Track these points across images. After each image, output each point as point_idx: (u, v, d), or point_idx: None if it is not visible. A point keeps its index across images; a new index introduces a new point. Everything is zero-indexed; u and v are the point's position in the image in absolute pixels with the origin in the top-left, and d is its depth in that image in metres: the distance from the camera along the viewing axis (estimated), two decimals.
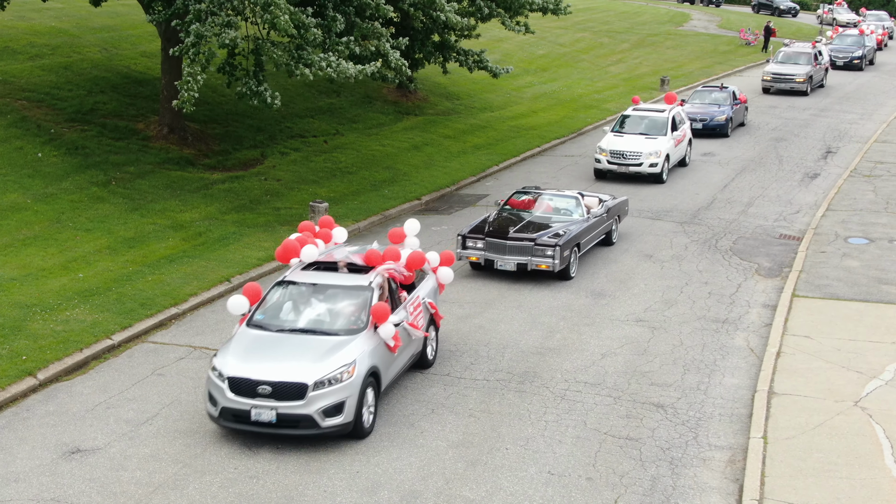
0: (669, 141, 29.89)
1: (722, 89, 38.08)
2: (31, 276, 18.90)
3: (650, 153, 29.14)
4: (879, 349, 16.87)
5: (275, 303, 14.99)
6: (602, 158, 29.56)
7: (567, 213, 21.76)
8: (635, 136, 30.00)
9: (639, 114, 31.33)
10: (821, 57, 47.73)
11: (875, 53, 58.89)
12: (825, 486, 12.43)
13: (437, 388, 15.37)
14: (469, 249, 20.81)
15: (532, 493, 12.35)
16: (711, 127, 35.76)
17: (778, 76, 45.87)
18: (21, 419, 14.12)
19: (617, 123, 31.33)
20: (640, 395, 15.23)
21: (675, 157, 30.39)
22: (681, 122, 31.36)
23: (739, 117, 37.67)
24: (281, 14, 20.79)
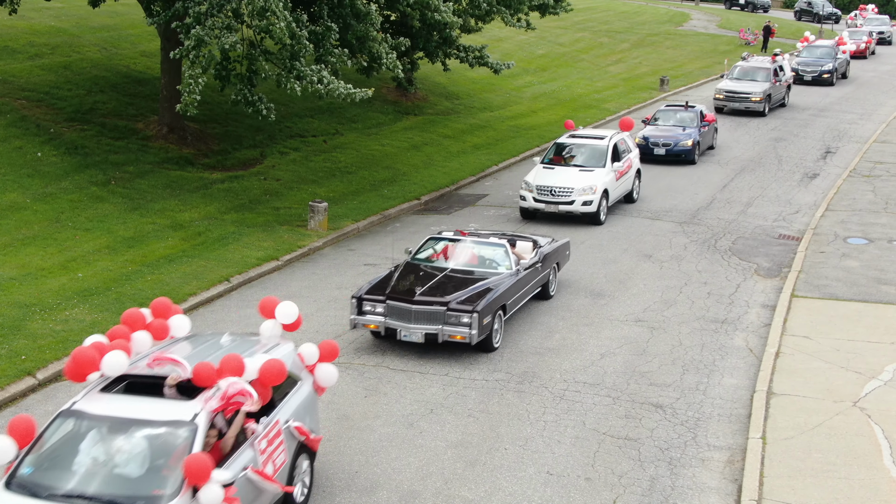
0: (609, 174, 25.45)
1: (687, 109, 33.80)
2: (30, 276, 18.91)
3: (584, 188, 24.67)
4: (878, 349, 16.89)
5: (53, 447, 10.26)
6: (528, 195, 25.14)
7: (492, 265, 17.88)
8: (568, 169, 25.69)
9: (574, 142, 26.89)
10: (782, 73, 42.64)
11: (848, 66, 52.05)
12: (824, 486, 12.44)
13: (436, 388, 15.38)
14: (367, 315, 16.64)
15: (531, 494, 12.36)
16: (676, 153, 31.65)
17: (732, 94, 40.62)
18: None
19: (548, 153, 27.08)
20: (638, 396, 15.24)
21: (616, 193, 25.96)
22: (625, 151, 27.03)
23: (708, 140, 33.60)
24: (277, 21, 20.73)
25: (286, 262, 21.52)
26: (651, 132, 32.49)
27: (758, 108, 40.11)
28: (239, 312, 18.54)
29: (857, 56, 58.10)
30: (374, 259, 21.93)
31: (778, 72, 42.08)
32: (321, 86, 22.05)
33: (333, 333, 17.50)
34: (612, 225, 24.98)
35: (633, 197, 27.24)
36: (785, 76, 42.88)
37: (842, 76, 51.14)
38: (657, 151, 31.60)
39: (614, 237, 23.95)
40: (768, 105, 40.66)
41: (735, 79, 41.81)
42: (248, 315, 18.35)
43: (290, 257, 21.70)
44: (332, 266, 21.53)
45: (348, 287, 19.90)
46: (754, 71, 41.85)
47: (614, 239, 23.80)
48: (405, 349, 16.84)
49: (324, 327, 17.83)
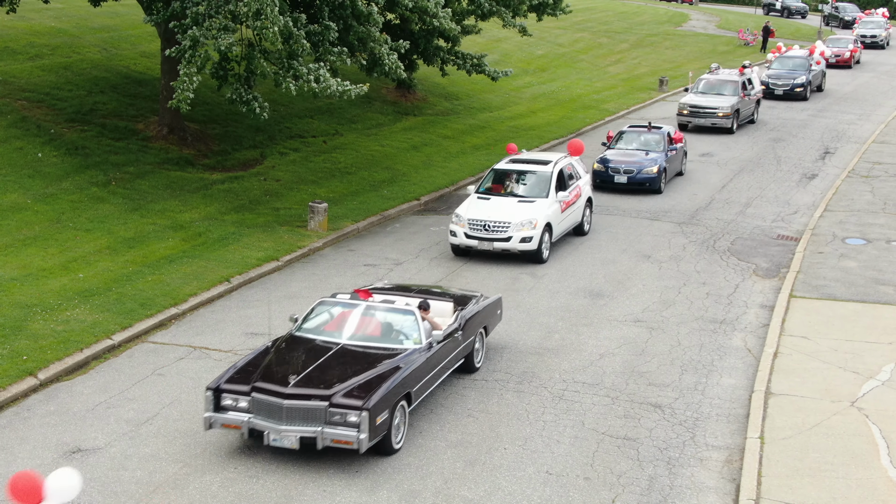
0: (553, 205, 22.31)
1: (652, 130, 30.11)
2: (31, 277, 18.97)
3: (522, 223, 21.51)
4: (876, 350, 16.96)
5: None
6: (458, 230, 21.84)
7: (398, 339, 14.21)
8: (506, 200, 22.45)
9: (514, 168, 23.72)
10: (750, 86, 39.15)
11: (824, 78, 47.81)
12: (822, 485, 12.51)
13: (436, 388, 15.42)
14: (227, 412, 13.03)
15: (530, 493, 12.43)
16: (639, 181, 28.03)
17: (697, 110, 37.05)
18: (22, 419, 14.19)
19: (484, 181, 23.82)
20: (637, 396, 15.31)
21: (562, 226, 22.89)
22: (573, 178, 23.88)
23: (676, 166, 30.04)
24: (270, 25, 20.78)
25: (286, 262, 21.58)
26: (612, 156, 28.83)
27: (725, 124, 36.70)
28: (239, 313, 18.60)
29: (841, 66, 55.22)
30: (373, 259, 22.00)
31: (746, 85, 38.79)
32: (315, 85, 22.11)
33: None
34: (609, 226, 25.03)
35: (583, 229, 23.98)
36: (754, 90, 39.54)
37: (817, 89, 47.11)
38: (618, 179, 28.04)
39: (613, 238, 24.01)
40: (736, 121, 37.30)
41: (700, 93, 38.34)
42: (249, 315, 18.43)
43: (290, 258, 21.76)
44: (332, 267, 21.59)
45: (348, 287, 19.96)
46: (721, 84, 38.33)
47: (613, 239, 23.87)
48: None
49: None
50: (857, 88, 49.18)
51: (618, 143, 29.87)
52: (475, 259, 22.05)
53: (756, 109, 39.60)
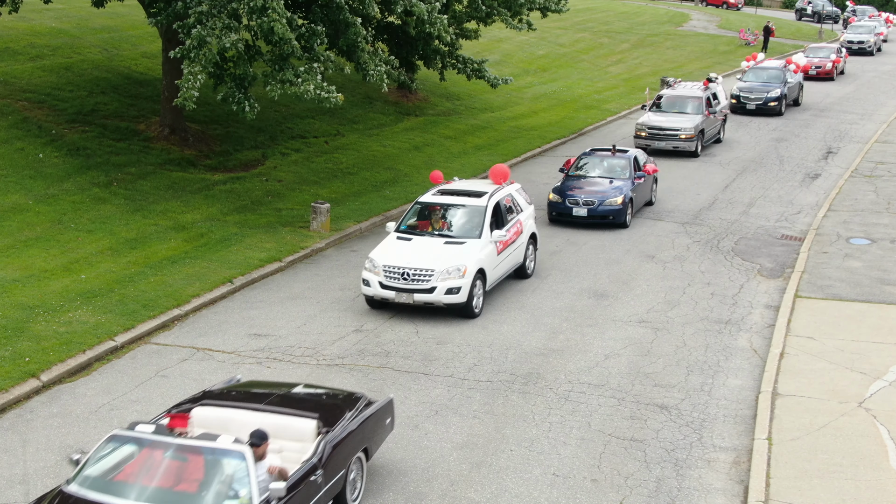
0: (487, 246, 18.90)
1: (616, 154, 26.58)
2: (33, 278, 18.88)
3: (449, 270, 17.98)
4: (883, 350, 16.87)
5: None
6: (372, 278, 18.27)
7: (217, 499, 9.82)
8: (430, 241, 18.99)
9: (441, 201, 20.11)
10: (715, 102, 35.20)
11: (801, 91, 43.64)
12: (830, 487, 12.43)
13: (441, 389, 15.36)
14: None
15: (537, 495, 12.34)
16: (601, 214, 24.41)
17: (656, 131, 32.84)
18: (25, 421, 14.10)
19: (405, 217, 20.11)
20: (643, 397, 15.22)
21: (498, 271, 19.43)
22: (513, 211, 20.53)
23: (645, 195, 26.44)
24: (278, 18, 20.73)
25: (289, 263, 21.49)
26: (570, 185, 25.44)
27: (688, 147, 32.64)
28: (242, 314, 18.51)
29: (823, 78, 50.75)
30: None
31: (711, 101, 34.73)
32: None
33: (337, 335, 17.50)
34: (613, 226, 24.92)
35: (525, 271, 20.69)
36: (720, 106, 35.56)
37: (793, 103, 42.76)
38: (577, 212, 24.53)
39: (616, 238, 23.92)
40: (701, 143, 33.32)
41: (660, 111, 34.16)
42: (252, 317, 18.34)
43: (292, 258, 21.67)
44: (334, 267, 21.50)
45: (351, 288, 19.90)
46: (683, 101, 34.11)
47: (616, 240, 23.78)
48: (409, 351, 16.82)
49: (327, 328, 17.82)
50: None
51: (577, 170, 26.30)
52: None
53: (722, 128, 35.75)
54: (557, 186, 25.53)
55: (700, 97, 34.12)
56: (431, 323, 18.16)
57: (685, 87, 35.83)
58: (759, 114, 40.67)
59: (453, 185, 21.21)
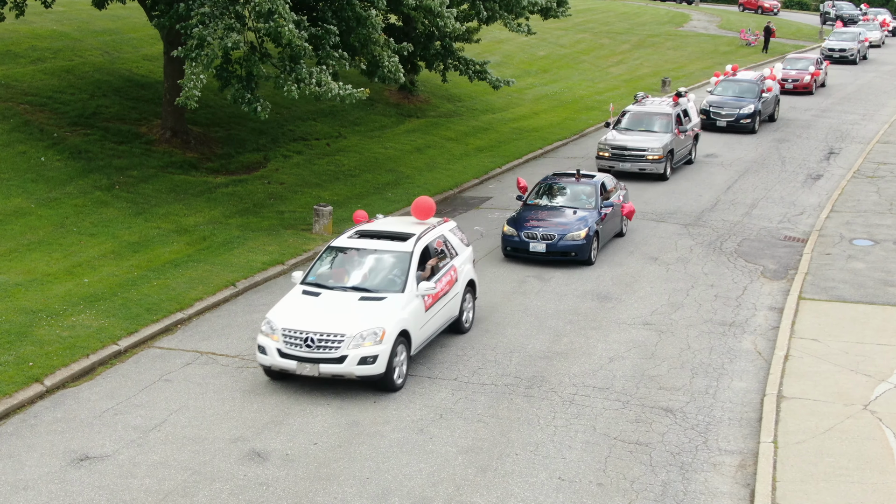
0: (411, 302, 15.80)
1: (581, 180, 23.68)
2: (36, 282, 18.85)
3: (363, 334, 14.85)
4: (887, 352, 16.84)
5: None
6: (270, 345, 15.08)
7: None
8: (342, 297, 15.81)
9: (358, 245, 16.90)
10: (686, 119, 31.97)
11: (777, 106, 40.02)
12: (836, 490, 12.40)
13: (445, 392, 15.33)
14: None
15: (543, 500, 12.31)
16: (562, 250, 21.51)
17: (621, 151, 29.77)
18: (29, 426, 14.07)
19: (315, 265, 16.86)
20: (648, 400, 15.20)
21: (427, 330, 16.32)
22: (446, 256, 17.49)
23: (614, 224, 23.48)
24: (285, 24, 20.73)
25: (291, 266, 21.45)
26: (527, 216, 22.55)
27: (656, 169, 29.63)
28: (245, 317, 18.48)
29: (801, 92, 46.36)
30: None
31: (682, 118, 31.60)
32: (318, 88, 22.02)
33: None
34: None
35: (461, 326, 17.67)
36: (691, 123, 32.40)
37: (768, 119, 39.41)
38: (534, 247, 21.66)
39: (619, 240, 23.88)
40: (670, 164, 30.24)
41: (625, 129, 31.03)
42: (256, 320, 18.30)
43: (295, 261, 21.63)
44: None
45: None
46: (650, 118, 31.10)
47: (618, 241, 23.74)
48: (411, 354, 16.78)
49: None
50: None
51: (537, 198, 23.54)
52: (481, 260, 21.83)
53: (694, 147, 32.62)
54: (513, 217, 22.73)
55: (669, 114, 31.04)
56: None
57: (653, 102, 32.61)
58: (730, 131, 37.28)
59: (375, 224, 17.83)
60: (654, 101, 32.62)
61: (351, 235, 17.28)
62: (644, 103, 32.46)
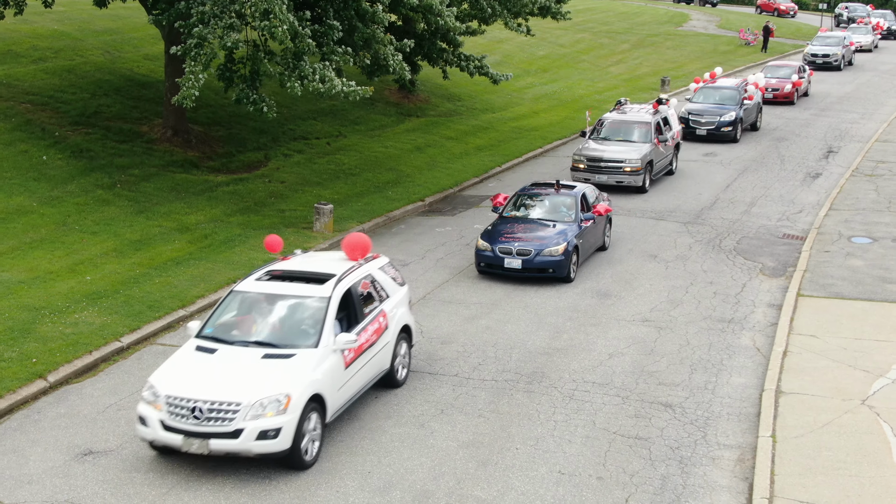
0: (328, 358, 13.29)
1: (561, 191, 22.56)
2: (38, 279, 18.95)
3: (263, 402, 12.39)
4: (885, 348, 16.94)
5: None
6: (152, 416, 12.62)
7: None
8: (241, 354, 13.25)
9: (265, 290, 14.26)
10: (666, 128, 30.43)
11: (760, 114, 38.27)
12: (835, 484, 12.50)
13: (446, 388, 15.42)
14: None
15: (543, 493, 12.41)
16: (539, 266, 20.34)
17: (596, 162, 28.25)
18: (32, 421, 14.17)
19: (213, 315, 14.16)
20: (648, 395, 15.30)
21: (347, 391, 13.79)
22: (374, 300, 14.99)
23: (595, 238, 22.31)
24: (279, 24, 20.82)
25: None
26: (502, 230, 21.21)
27: (634, 181, 28.04)
28: None
29: (782, 102, 43.63)
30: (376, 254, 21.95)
31: (661, 127, 30.09)
32: (322, 85, 22.11)
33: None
34: (614, 225, 24.96)
35: (394, 379, 15.23)
36: (671, 132, 30.84)
37: (750, 127, 37.62)
38: (510, 263, 20.42)
39: (618, 237, 23.99)
40: (649, 176, 28.68)
41: (601, 139, 29.50)
42: None
43: None
44: None
45: None
46: (628, 127, 29.53)
47: (618, 239, 23.85)
48: (414, 350, 16.87)
49: None
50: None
51: (514, 210, 22.36)
52: None
53: (675, 156, 31.10)
54: (488, 230, 21.43)
55: (648, 122, 29.44)
56: (436, 323, 18.24)
57: (632, 109, 31.01)
58: (710, 140, 35.57)
59: (291, 263, 15.22)
60: (634, 109, 31.12)
61: (260, 277, 14.62)
62: (623, 110, 30.92)
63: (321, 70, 22.31)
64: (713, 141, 35.55)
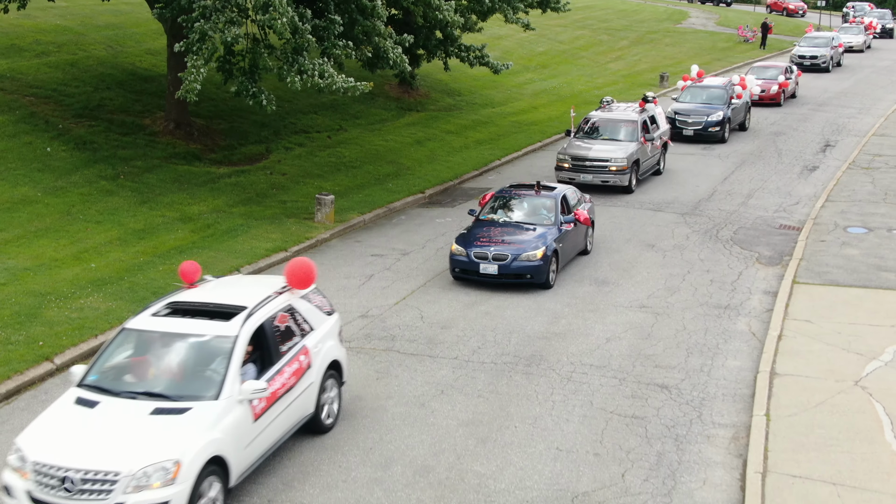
0: (231, 411, 11.38)
1: (541, 192, 21.52)
2: (44, 267, 19.20)
3: (145, 471, 10.41)
4: (879, 332, 17.19)
5: None
6: (17, 486, 10.68)
7: None
8: (127, 409, 11.21)
9: (163, 328, 12.16)
10: (653, 126, 29.74)
11: (748, 114, 37.40)
12: (827, 459, 12.75)
13: (446, 370, 15.68)
14: None
15: (541, 468, 12.67)
16: (516, 272, 19.31)
17: (582, 161, 27.53)
18: (40, 401, 14.41)
19: (100, 358, 12.08)
20: (644, 377, 15.55)
21: (258, 446, 11.85)
22: (293, 336, 12.89)
23: (577, 241, 21.44)
24: (279, 17, 21.08)
25: (294, 252, 21.80)
26: (478, 234, 20.16)
27: (620, 181, 27.32)
28: None
29: (768, 103, 41.92)
30: (380, 250, 22.24)
31: (648, 125, 29.41)
32: (321, 80, 22.34)
33: (343, 320, 17.75)
34: (613, 216, 25.23)
35: (321, 424, 13.31)
36: (659, 131, 30.15)
37: (738, 127, 36.77)
38: (485, 269, 19.37)
39: (617, 227, 24.25)
40: (636, 175, 27.97)
41: (586, 137, 28.94)
42: None
43: (298, 248, 21.99)
44: (339, 256, 21.83)
45: (356, 276, 20.25)
46: (614, 126, 28.83)
47: (617, 229, 24.11)
48: (414, 335, 17.14)
49: None
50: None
51: (491, 212, 21.33)
52: None
53: (663, 156, 30.25)
54: (463, 234, 20.46)
55: (635, 121, 28.81)
56: (436, 309, 18.49)
57: (618, 108, 30.35)
58: (697, 141, 34.79)
59: (197, 293, 13.01)
60: (620, 107, 30.41)
61: (158, 311, 12.40)
62: (609, 109, 30.21)
63: (320, 65, 22.55)
64: (700, 141, 34.78)
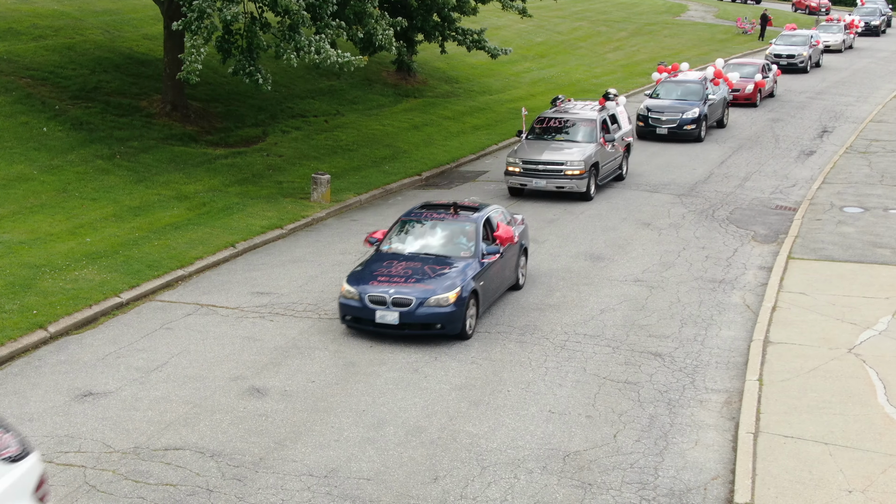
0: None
1: (458, 216, 17.41)
2: (39, 240, 19.21)
3: None
4: (873, 304, 17.20)
5: None
6: None
7: None
8: None
9: None
10: (614, 127, 26.91)
11: (726, 110, 35.16)
12: (819, 421, 12.76)
13: (439, 338, 15.66)
14: None
15: (533, 429, 12.67)
16: (421, 320, 15.31)
17: (534, 165, 24.68)
18: (33, 367, 14.43)
19: None
20: (638, 346, 15.56)
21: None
22: None
23: (506, 275, 17.45)
24: None
25: (290, 230, 21.83)
26: (376, 271, 15.98)
27: (577, 186, 24.43)
28: (245, 275, 18.84)
29: (743, 103, 38.79)
30: (376, 228, 22.23)
31: (607, 124, 26.60)
32: (317, 56, 22.35)
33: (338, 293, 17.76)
34: (609, 197, 25.24)
35: None
36: (620, 132, 27.28)
37: (716, 124, 34.65)
38: (382, 317, 15.33)
39: (613, 207, 24.25)
40: (594, 180, 25.13)
41: (540, 139, 26.04)
42: (255, 277, 18.68)
43: (293, 226, 22.01)
44: (335, 234, 21.84)
45: (352, 252, 20.25)
46: (570, 126, 26.15)
47: (613, 209, 24.11)
48: None
49: (328, 287, 18.13)
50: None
51: (396, 241, 17.10)
52: None
53: (625, 160, 27.46)
54: (356, 271, 16.22)
55: (593, 119, 26.00)
56: None
57: (574, 106, 27.46)
58: (671, 140, 32.37)
59: None
60: (577, 105, 27.50)
61: None
62: (563, 108, 27.33)
63: (316, 42, 22.56)
64: (675, 140, 32.41)
